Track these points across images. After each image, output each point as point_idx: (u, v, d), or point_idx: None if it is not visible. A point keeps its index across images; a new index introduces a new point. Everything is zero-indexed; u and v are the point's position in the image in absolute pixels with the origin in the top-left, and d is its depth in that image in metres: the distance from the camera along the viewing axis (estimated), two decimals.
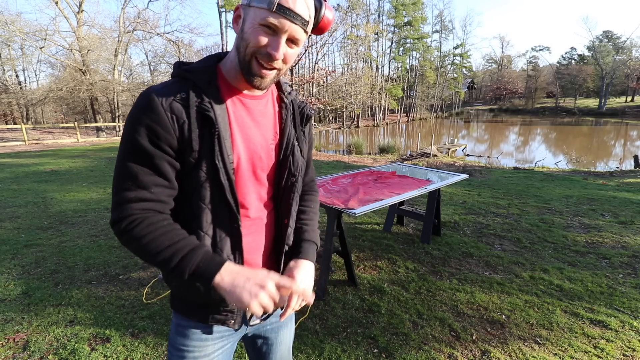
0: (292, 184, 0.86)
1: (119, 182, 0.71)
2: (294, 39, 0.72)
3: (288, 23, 0.68)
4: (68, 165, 9.10)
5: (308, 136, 0.94)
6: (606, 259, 3.23)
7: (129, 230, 0.69)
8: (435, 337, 2.12)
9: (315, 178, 1.06)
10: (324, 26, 0.78)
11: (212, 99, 0.72)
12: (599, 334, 2.15)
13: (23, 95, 22.92)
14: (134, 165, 0.69)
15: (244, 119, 0.79)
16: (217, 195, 0.74)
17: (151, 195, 0.71)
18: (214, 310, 0.82)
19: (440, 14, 52.72)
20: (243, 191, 0.80)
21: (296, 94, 0.92)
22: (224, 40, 25.24)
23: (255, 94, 0.81)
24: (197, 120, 0.71)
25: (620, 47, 48.63)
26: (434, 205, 3.48)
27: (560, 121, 40.67)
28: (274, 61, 0.71)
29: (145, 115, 0.68)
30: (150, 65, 31.32)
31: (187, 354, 0.84)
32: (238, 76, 0.76)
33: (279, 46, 0.70)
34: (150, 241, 0.68)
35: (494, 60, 69.29)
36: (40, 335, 2.09)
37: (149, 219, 0.70)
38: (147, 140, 0.68)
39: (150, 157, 0.69)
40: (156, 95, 0.69)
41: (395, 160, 14.77)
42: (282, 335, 0.99)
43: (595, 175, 9.93)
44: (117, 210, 0.70)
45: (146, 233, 0.68)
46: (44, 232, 3.92)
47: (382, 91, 37.15)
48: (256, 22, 0.69)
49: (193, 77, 0.73)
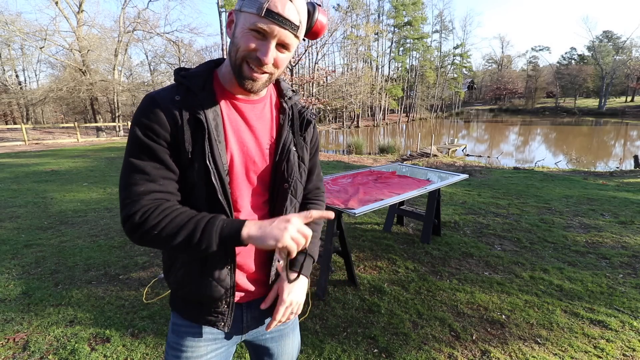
0: (285, 189, 0.85)
1: (126, 179, 0.72)
2: (284, 43, 0.72)
3: (277, 28, 0.69)
4: (68, 165, 9.11)
5: (311, 142, 0.93)
6: (606, 259, 3.23)
7: (144, 221, 0.68)
8: (435, 337, 2.12)
9: (323, 186, 1.04)
10: (318, 31, 0.79)
11: (204, 102, 0.75)
12: (599, 334, 2.15)
13: (23, 95, 22.93)
14: (139, 161, 0.72)
15: (237, 122, 0.80)
16: (211, 196, 0.75)
17: (160, 187, 0.72)
18: (205, 311, 0.83)
19: (440, 14, 52.76)
20: (236, 193, 0.80)
21: (298, 99, 0.92)
22: (224, 40, 25.25)
23: (250, 98, 0.82)
24: (190, 122, 0.73)
25: (620, 47, 48.63)
26: (434, 205, 3.48)
27: (560, 121, 40.67)
28: (264, 65, 0.72)
29: (145, 116, 0.72)
30: (150, 65, 31.36)
31: (181, 353, 0.85)
32: (232, 80, 0.78)
33: (268, 51, 0.70)
34: (169, 223, 0.68)
35: (494, 60, 69.31)
36: (40, 335, 2.09)
37: (161, 206, 0.70)
38: (148, 137, 0.72)
39: (154, 151, 0.72)
40: (155, 98, 0.73)
41: (395, 160, 14.78)
42: (284, 346, 0.98)
43: (595, 175, 9.93)
44: (128, 206, 0.70)
45: (162, 218, 0.69)
46: (44, 232, 3.92)
47: (382, 91, 37.15)
48: (246, 27, 0.70)
49: (188, 82, 0.76)
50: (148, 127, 0.71)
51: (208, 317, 0.83)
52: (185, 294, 0.82)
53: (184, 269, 0.80)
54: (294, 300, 0.86)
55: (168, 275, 0.85)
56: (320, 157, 1.06)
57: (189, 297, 0.82)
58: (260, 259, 0.87)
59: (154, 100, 0.72)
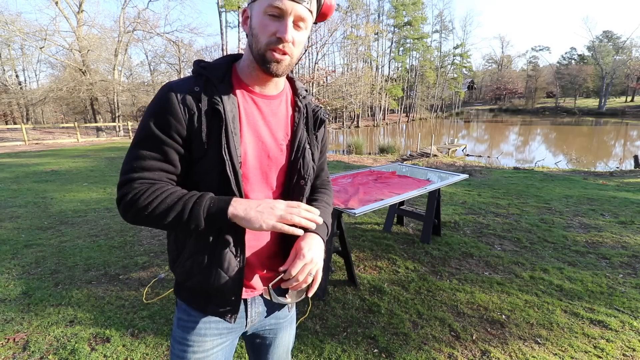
0: (302, 187, 0.87)
1: (126, 164, 0.74)
2: (301, 19, 0.73)
3: (292, 4, 0.70)
4: (68, 165, 9.11)
5: (322, 141, 0.95)
6: (606, 259, 3.23)
7: (135, 201, 0.71)
8: (435, 337, 2.12)
9: (330, 180, 1.06)
10: (327, 11, 0.80)
11: (223, 93, 0.76)
12: (599, 334, 2.15)
13: (23, 95, 22.92)
14: (143, 150, 0.73)
15: (254, 116, 0.81)
16: (223, 186, 0.76)
17: (154, 176, 0.74)
18: (213, 301, 0.83)
19: (440, 14, 52.73)
20: (248, 187, 0.81)
21: (311, 98, 0.93)
22: (224, 40, 25.23)
23: (267, 93, 0.83)
24: (207, 113, 0.74)
25: (620, 47, 48.63)
26: (434, 205, 3.48)
27: (560, 121, 40.64)
28: (285, 44, 0.72)
29: (160, 105, 0.73)
30: (150, 65, 31.37)
31: (187, 347, 0.85)
32: (251, 75, 0.80)
33: (287, 28, 0.71)
34: (160, 203, 0.71)
35: (494, 60, 69.33)
36: (40, 335, 2.09)
37: (152, 187, 0.72)
38: (158, 127, 0.73)
39: (160, 143, 0.73)
40: (172, 88, 0.74)
41: (395, 160, 14.77)
42: (281, 337, 1.00)
43: (595, 175, 9.92)
44: (122, 188, 0.73)
45: (153, 198, 0.71)
46: (44, 232, 3.92)
47: (382, 91, 37.13)
48: (262, 11, 0.72)
49: (208, 73, 0.77)
50: (161, 116, 0.72)
51: (216, 308, 0.83)
52: (193, 284, 0.82)
53: (192, 259, 0.80)
54: (314, 257, 0.78)
55: (175, 265, 0.84)
56: None
57: (196, 288, 0.82)
58: (269, 255, 0.88)
59: (172, 91, 0.73)
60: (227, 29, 25.97)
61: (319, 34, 23.05)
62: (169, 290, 2.59)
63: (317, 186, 0.99)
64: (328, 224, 0.90)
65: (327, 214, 0.92)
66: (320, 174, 0.99)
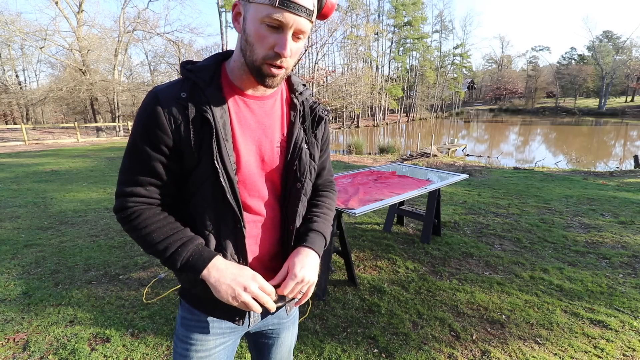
0: (298, 189, 0.83)
1: (121, 174, 0.75)
2: (300, 32, 0.68)
3: (292, 17, 0.65)
4: (68, 165, 9.11)
5: (323, 139, 0.90)
6: (606, 259, 3.23)
7: (129, 222, 0.74)
8: (435, 337, 2.12)
9: (334, 180, 1.02)
10: (328, 11, 0.75)
11: (211, 98, 0.72)
12: (599, 334, 2.15)
13: (23, 95, 22.93)
14: (132, 162, 0.74)
15: (247, 119, 0.77)
16: (219, 195, 0.74)
17: (145, 192, 0.74)
18: (220, 306, 0.81)
19: (440, 14, 52.73)
20: (246, 193, 0.79)
21: (309, 94, 0.89)
22: (224, 40, 25.22)
23: (259, 94, 0.79)
24: (195, 121, 0.71)
25: (620, 47, 48.61)
26: (434, 205, 3.48)
27: (560, 121, 40.64)
28: (284, 59, 0.69)
29: (146, 115, 0.70)
30: (150, 65, 31.35)
31: (190, 346, 0.85)
32: (242, 77, 0.75)
33: (286, 44, 0.67)
34: (147, 234, 0.73)
35: (494, 60, 69.35)
36: (40, 335, 2.09)
37: (145, 213, 0.74)
38: (144, 140, 0.71)
39: (146, 157, 0.72)
40: (158, 95, 0.70)
41: (395, 160, 14.76)
42: (284, 337, 1.00)
43: (595, 175, 9.92)
44: (118, 200, 0.75)
45: (143, 227, 0.73)
46: (44, 232, 3.92)
47: (382, 91, 37.12)
48: (258, 20, 0.65)
49: (194, 76, 0.73)
50: (146, 128, 0.70)
51: (223, 313, 0.83)
52: (198, 292, 0.81)
53: None
54: (305, 277, 0.78)
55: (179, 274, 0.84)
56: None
57: (202, 295, 0.82)
58: (270, 256, 0.88)
59: (157, 100, 0.69)
60: (227, 29, 25.95)
61: (319, 34, 23.05)
62: (169, 290, 2.59)
63: (320, 187, 0.96)
64: (326, 235, 0.88)
65: (327, 224, 0.89)
66: (321, 173, 0.95)
